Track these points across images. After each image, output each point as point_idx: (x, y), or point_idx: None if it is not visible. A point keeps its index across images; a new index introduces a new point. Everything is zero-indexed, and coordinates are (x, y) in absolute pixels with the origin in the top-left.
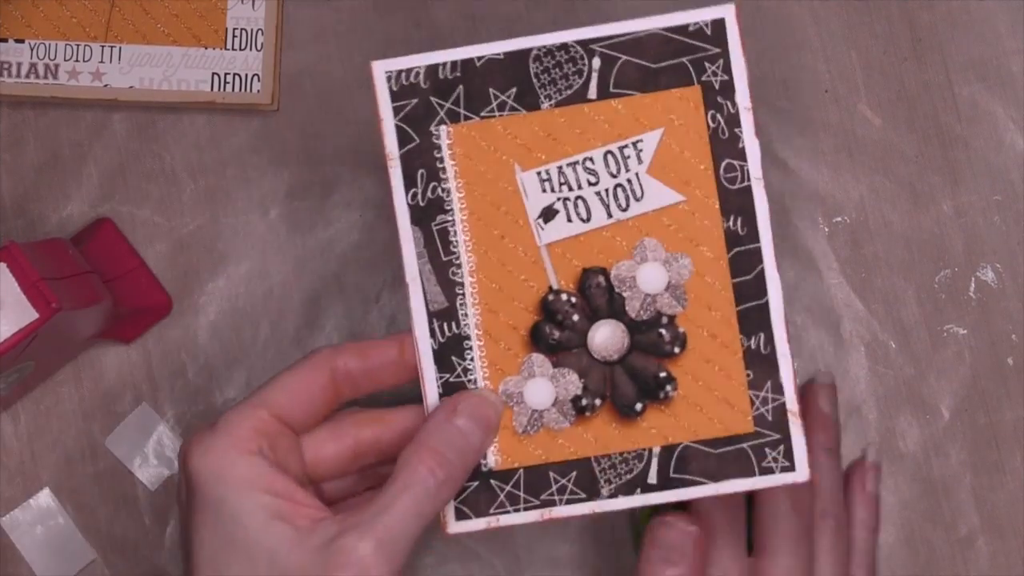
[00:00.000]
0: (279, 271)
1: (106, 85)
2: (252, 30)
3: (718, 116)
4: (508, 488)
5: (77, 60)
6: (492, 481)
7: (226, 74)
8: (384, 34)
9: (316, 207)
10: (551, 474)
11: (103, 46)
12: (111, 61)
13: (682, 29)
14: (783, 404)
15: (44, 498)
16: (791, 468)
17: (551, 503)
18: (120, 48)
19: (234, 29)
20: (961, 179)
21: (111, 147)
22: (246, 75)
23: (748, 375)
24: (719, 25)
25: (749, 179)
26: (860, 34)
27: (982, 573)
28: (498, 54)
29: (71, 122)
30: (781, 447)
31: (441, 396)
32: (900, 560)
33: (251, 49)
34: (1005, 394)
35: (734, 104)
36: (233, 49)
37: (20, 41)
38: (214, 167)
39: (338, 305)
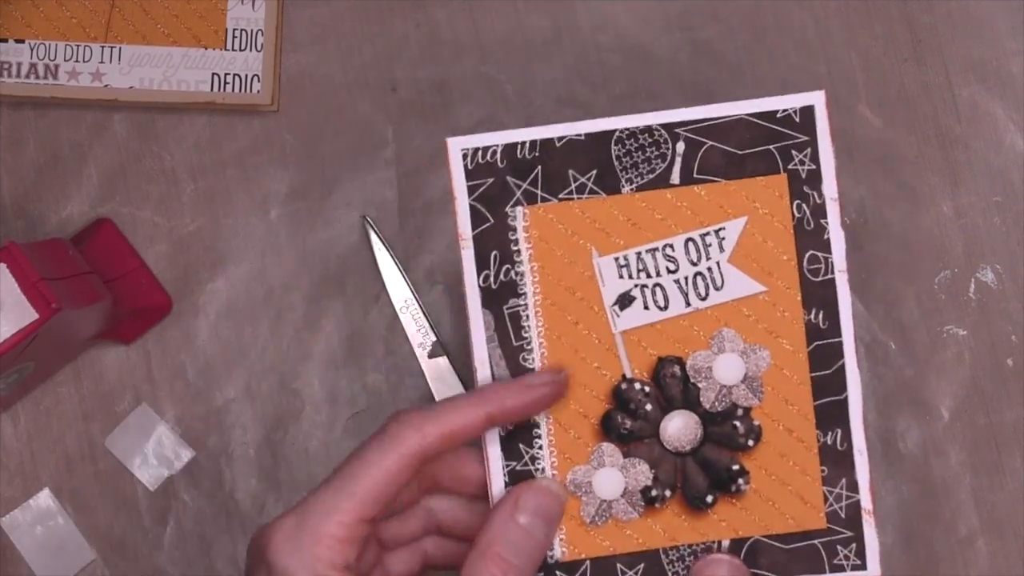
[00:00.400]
0: (279, 271)
1: (106, 85)
2: (252, 31)
3: (804, 206)
4: None
5: (77, 60)
6: (558, 573)
7: (226, 74)
8: (384, 35)
9: (316, 207)
10: (618, 566)
11: (103, 46)
12: (111, 61)
13: (770, 115)
14: (857, 502)
15: (44, 498)
16: (862, 566)
17: None
18: (120, 48)
19: (234, 30)
20: (961, 180)
21: (111, 147)
22: (246, 76)
23: (823, 471)
24: (808, 112)
25: (833, 272)
26: (860, 35)
27: (982, 574)
28: (579, 135)
29: (71, 122)
30: (853, 545)
31: (507, 485)
32: (899, 560)
33: (251, 50)
34: (1005, 395)
35: (820, 194)
36: (233, 50)
37: (20, 41)
38: (214, 167)
39: (338, 305)
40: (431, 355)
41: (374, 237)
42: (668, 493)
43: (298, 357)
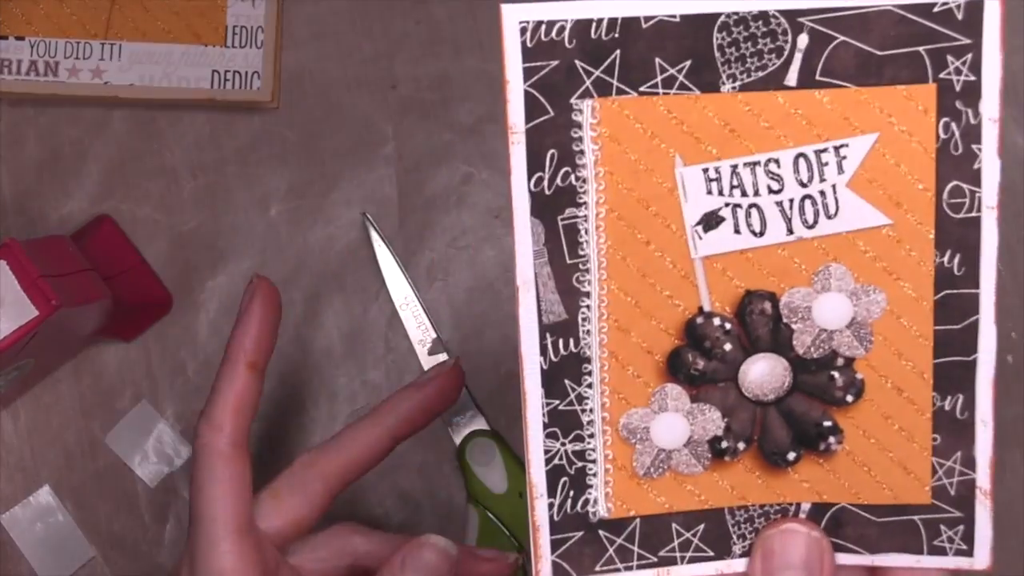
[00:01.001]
0: (279, 268)
1: (106, 83)
2: (252, 27)
3: (952, 125)
4: (620, 541)
5: (77, 58)
6: (601, 532)
7: (226, 71)
8: (384, 32)
9: (316, 204)
10: (674, 526)
11: (103, 43)
12: (111, 59)
13: (925, 9)
14: (972, 480)
15: (44, 495)
16: (968, 553)
17: (671, 560)
18: (120, 45)
19: (234, 26)
20: None
21: (111, 144)
22: (246, 72)
23: (935, 440)
24: (975, 8)
25: (980, 208)
26: None
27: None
28: (673, 16)
29: (71, 120)
30: (960, 527)
31: (546, 427)
32: None
33: (251, 46)
34: (1004, 392)
35: (977, 112)
36: (233, 47)
37: (20, 38)
38: (214, 164)
39: (338, 303)
40: (431, 352)
41: (374, 234)
42: (742, 446)
43: (298, 354)
